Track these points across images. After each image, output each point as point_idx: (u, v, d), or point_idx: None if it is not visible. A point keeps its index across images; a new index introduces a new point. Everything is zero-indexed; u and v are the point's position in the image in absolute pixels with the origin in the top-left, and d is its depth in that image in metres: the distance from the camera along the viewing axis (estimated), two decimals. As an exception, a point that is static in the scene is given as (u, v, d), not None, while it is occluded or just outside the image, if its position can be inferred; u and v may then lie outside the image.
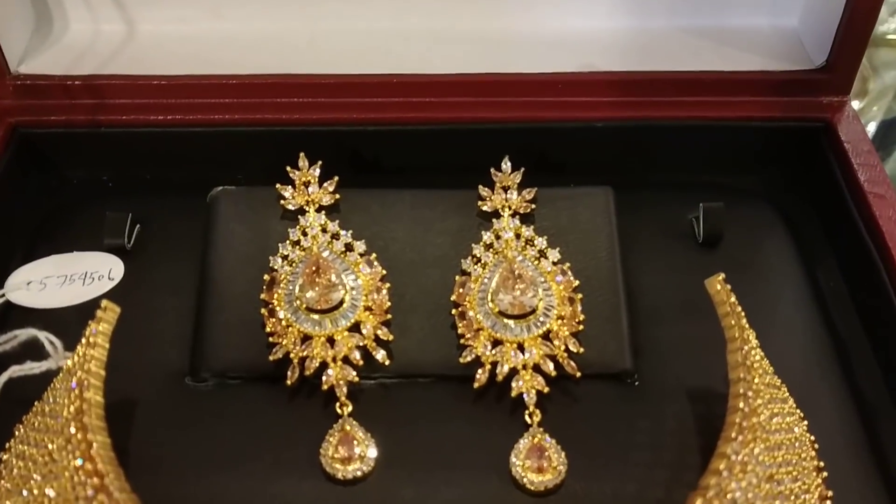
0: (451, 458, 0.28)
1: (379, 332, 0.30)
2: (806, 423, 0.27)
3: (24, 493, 0.24)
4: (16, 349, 0.29)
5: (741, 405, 0.24)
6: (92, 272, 0.33)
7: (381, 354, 0.29)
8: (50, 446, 0.24)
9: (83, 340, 0.26)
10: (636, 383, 0.30)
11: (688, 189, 0.37)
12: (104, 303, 0.27)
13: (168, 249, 0.34)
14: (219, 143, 0.37)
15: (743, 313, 0.27)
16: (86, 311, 0.29)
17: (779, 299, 0.33)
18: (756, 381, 0.25)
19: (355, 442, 0.27)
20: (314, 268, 0.30)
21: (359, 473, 0.27)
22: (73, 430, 0.23)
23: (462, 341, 0.30)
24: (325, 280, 0.29)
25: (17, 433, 0.26)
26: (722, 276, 0.27)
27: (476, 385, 0.29)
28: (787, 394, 0.27)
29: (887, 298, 0.31)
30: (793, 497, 0.23)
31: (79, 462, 0.23)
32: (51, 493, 0.23)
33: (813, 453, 0.26)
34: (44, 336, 0.28)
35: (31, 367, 0.27)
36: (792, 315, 0.33)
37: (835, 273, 0.35)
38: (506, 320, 0.29)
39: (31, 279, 0.33)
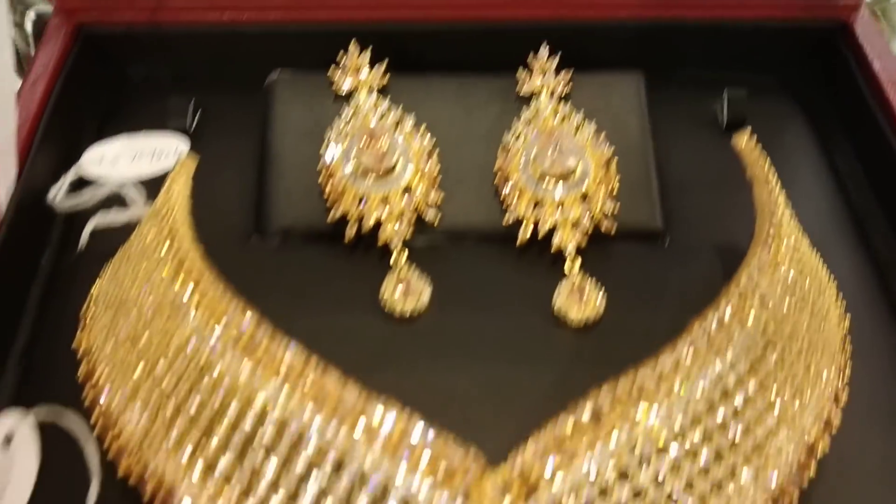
0: (497, 300, 0.30)
1: (430, 195, 0.32)
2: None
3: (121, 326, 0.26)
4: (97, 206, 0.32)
5: (769, 230, 0.26)
6: (159, 150, 0.36)
7: (430, 213, 0.32)
8: (143, 283, 0.27)
9: (166, 184, 0.29)
10: (666, 245, 0.33)
11: (711, 85, 0.39)
12: (184, 154, 0.29)
13: (228, 135, 0.37)
14: (272, 41, 0.39)
15: (769, 162, 0.29)
16: (154, 187, 0.32)
17: (799, 178, 0.36)
18: (780, 214, 0.27)
19: (410, 283, 0.30)
20: (369, 135, 0.32)
21: (414, 311, 0.29)
22: (164, 251, 0.26)
23: (505, 205, 0.32)
24: (379, 145, 0.32)
25: (103, 276, 0.29)
26: (749, 130, 0.30)
27: (518, 243, 0.31)
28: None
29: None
30: (819, 312, 0.26)
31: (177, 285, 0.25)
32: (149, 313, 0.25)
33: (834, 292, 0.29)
34: (126, 188, 0.30)
35: (115, 218, 0.30)
36: (811, 190, 0.35)
37: (851, 157, 0.37)
38: (546, 183, 0.32)
39: (103, 156, 0.35)
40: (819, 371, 0.26)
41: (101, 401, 0.26)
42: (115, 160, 0.35)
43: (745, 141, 0.30)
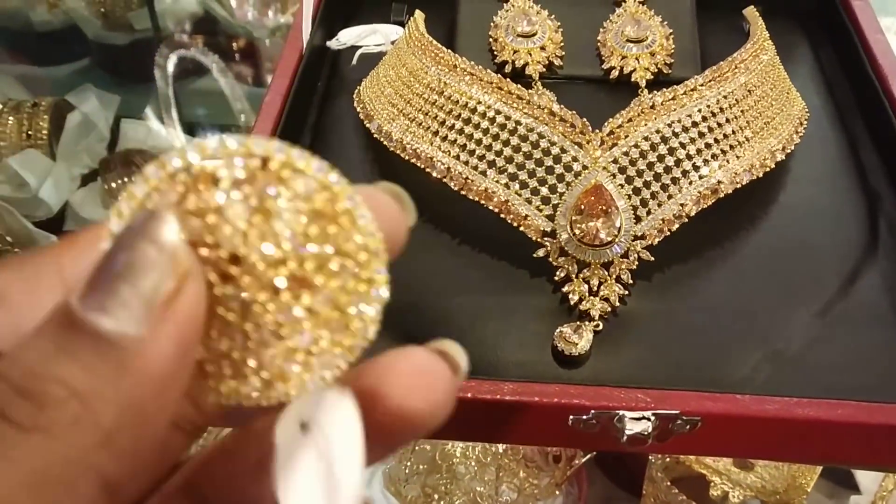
0: (595, 118, 0.50)
1: (556, 51, 0.53)
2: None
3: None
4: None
5: (755, 41, 0.46)
6: (386, 32, 0.57)
7: (556, 62, 0.52)
8: (413, 80, 0.48)
9: (409, 26, 0.50)
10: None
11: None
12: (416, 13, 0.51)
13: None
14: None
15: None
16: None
17: (791, 73, 0.54)
18: (764, 37, 0.46)
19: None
20: (523, 14, 0.53)
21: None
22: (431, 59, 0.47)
23: (602, 59, 0.52)
24: (527, 20, 0.53)
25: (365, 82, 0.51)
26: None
27: (612, 79, 0.51)
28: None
29: (865, 71, 0.52)
30: (784, 99, 0.45)
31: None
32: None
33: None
34: (383, 31, 0.52)
35: (376, 46, 0.52)
36: (804, 81, 0.54)
37: (832, 57, 0.56)
38: (629, 45, 0.52)
39: (352, 34, 0.57)
40: (776, 130, 0.45)
41: (373, 127, 0.47)
42: (359, 37, 0.57)
43: (751, 9, 0.50)
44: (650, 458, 0.63)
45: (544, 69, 0.52)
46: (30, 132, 0.98)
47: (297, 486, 0.16)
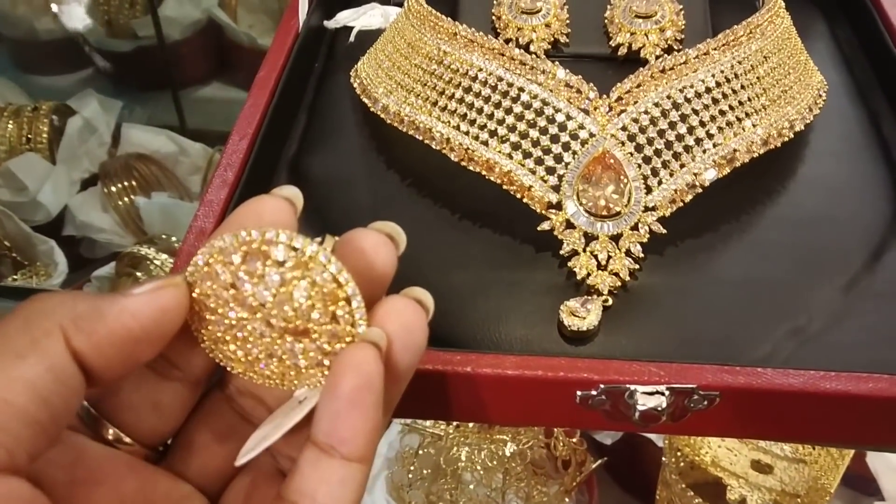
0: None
1: (562, 28, 0.51)
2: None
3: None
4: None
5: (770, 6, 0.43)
6: (385, 13, 0.55)
7: (562, 39, 0.50)
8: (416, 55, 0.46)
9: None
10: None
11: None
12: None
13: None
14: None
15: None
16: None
17: (809, 51, 0.52)
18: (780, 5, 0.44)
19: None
20: (526, -9, 0.51)
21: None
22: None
23: (610, 35, 0.50)
24: (532, -3, 0.51)
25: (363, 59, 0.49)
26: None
27: (620, 55, 0.49)
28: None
29: (886, 47, 0.50)
30: (801, 69, 0.43)
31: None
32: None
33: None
34: (381, 9, 0.50)
35: (371, 22, 0.50)
36: (822, 59, 0.52)
37: (849, 34, 0.54)
38: (637, 20, 0.50)
39: (349, 15, 0.55)
40: (794, 99, 0.42)
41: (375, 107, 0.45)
42: (357, 15, 0.55)
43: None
44: (663, 459, 0.60)
45: (549, 47, 0.50)
46: (30, 136, 0.97)
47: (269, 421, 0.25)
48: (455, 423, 0.70)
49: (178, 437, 0.26)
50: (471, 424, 0.70)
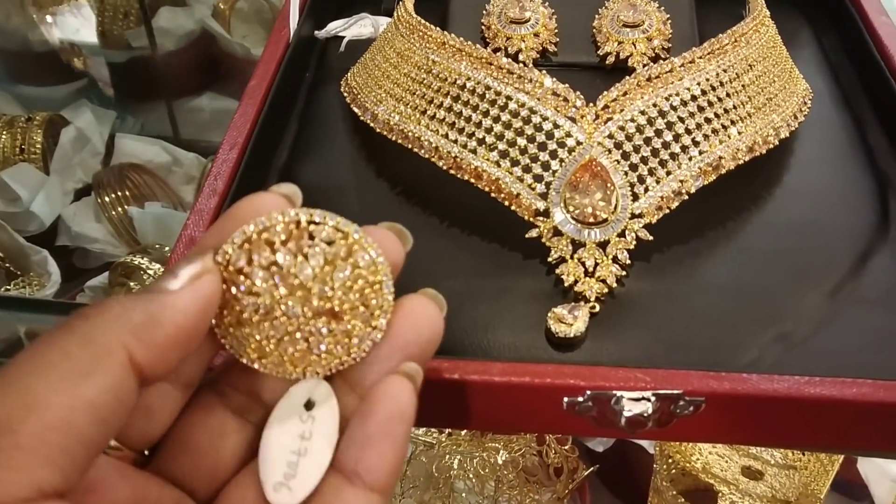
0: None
1: (550, 38, 0.51)
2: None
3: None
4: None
5: (756, 14, 0.44)
6: (376, 22, 0.56)
7: (550, 49, 0.51)
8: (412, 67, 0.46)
9: (398, 7, 0.48)
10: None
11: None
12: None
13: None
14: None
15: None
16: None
17: (794, 59, 0.53)
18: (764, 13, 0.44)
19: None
20: (516, 2, 0.52)
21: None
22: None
23: (598, 45, 0.51)
24: (520, 6, 0.51)
25: (353, 70, 0.49)
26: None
27: (607, 65, 0.50)
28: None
29: (871, 55, 0.51)
30: (786, 77, 0.43)
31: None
32: None
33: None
34: (372, 19, 0.51)
35: (362, 31, 0.50)
36: (808, 67, 0.52)
37: (834, 42, 0.54)
38: (625, 30, 0.50)
39: (340, 24, 0.56)
40: (779, 107, 0.43)
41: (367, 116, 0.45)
42: (348, 25, 0.56)
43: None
44: (654, 466, 0.60)
45: (538, 56, 0.50)
46: (23, 146, 0.97)
47: (280, 440, 0.24)
48: (447, 432, 0.71)
49: (168, 438, 0.25)
50: (463, 432, 0.70)
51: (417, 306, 0.26)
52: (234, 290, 0.24)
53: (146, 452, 0.26)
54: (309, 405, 0.25)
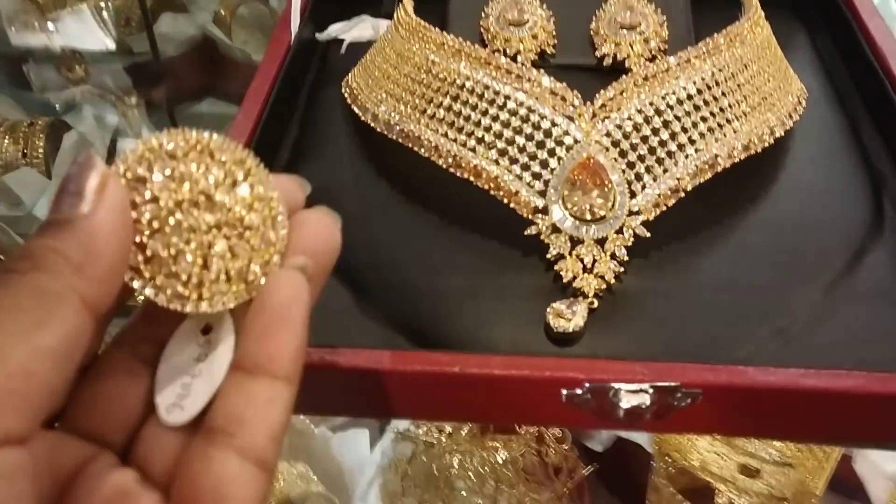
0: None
1: (548, 39, 0.52)
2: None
3: None
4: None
5: (751, 15, 0.44)
6: (375, 25, 0.56)
7: (549, 50, 0.51)
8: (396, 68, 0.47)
9: (398, 9, 0.49)
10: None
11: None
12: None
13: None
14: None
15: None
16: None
17: (789, 61, 0.53)
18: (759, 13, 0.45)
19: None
20: (514, 4, 0.52)
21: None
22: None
23: (595, 46, 0.51)
24: (518, 9, 0.52)
25: (354, 71, 0.50)
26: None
27: (605, 67, 0.50)
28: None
29: (864, 55, 0.51)
30: (780, 77, 0.44)
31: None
32: None
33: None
34: (372, 21, 0.51)
35: (362, 34, 0.51)
36: (803, 68, 0.53)
37: (829, 42, 0.55)
38: (622, 31, 0.51)
39: (341, 27, 0.56)
40: (774, 106, 0.43)
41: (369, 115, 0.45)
42: (349, 28, 0.56)
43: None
44: (652, 464, 0.60)
45: (536, 57, 0.51)
46: (26, 151, 0.98)
47: (175, 365, 0.24)
48: (447, 431, 0.71)
49: (75, 396, 0.24)
50: (463, 432, 0.71)
51: (313, 218, 0.26)
52: (136, 197, 0.23)
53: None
54: (206, 330, 0.24)
